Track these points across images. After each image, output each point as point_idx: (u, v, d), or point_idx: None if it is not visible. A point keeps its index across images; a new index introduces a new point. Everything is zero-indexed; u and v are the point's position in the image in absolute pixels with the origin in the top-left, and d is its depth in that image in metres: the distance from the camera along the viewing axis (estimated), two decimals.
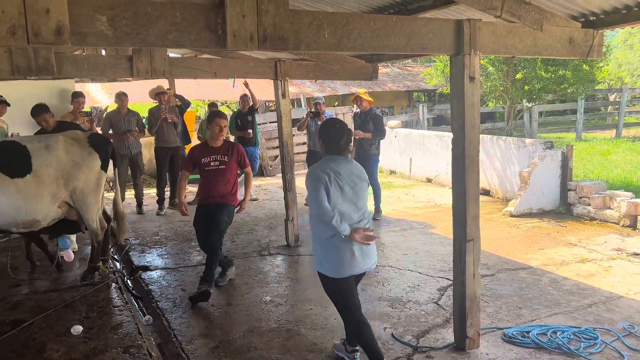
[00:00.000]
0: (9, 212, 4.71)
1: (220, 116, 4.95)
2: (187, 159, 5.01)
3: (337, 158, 3.30)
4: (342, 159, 3.31)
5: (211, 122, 4.88)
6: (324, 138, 3.35)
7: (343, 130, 3.31)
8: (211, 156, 4.87)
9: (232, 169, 4.94)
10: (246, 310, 4.56)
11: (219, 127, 4.86)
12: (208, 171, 4.88)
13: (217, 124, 4.85)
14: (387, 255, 6.00)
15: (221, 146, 4.93)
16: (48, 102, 8.10)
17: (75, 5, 2.36)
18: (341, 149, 3.31)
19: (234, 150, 4.95)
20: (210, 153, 4.88)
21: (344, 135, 3.30)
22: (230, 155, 4.91)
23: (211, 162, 4.87)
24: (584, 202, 7.51)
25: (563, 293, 4.78)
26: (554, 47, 3.76)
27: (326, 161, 3.30)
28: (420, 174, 10.89)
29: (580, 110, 16.37)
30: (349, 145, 3.34)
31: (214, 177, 4.87)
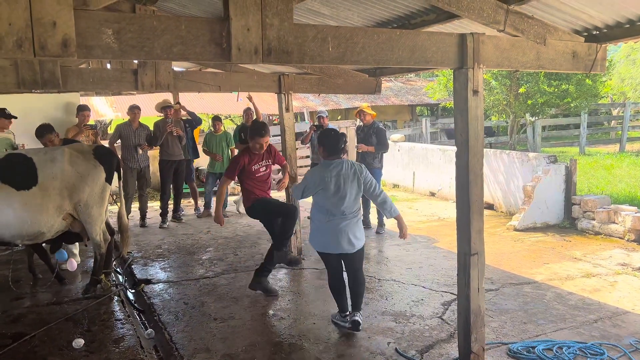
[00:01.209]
0: (15, 224, 4.72)
1: (261, 135, 4.95)
2: (234, 166, 5.02)
3: (336, 162, 4.13)
4: (335, 163, 4.13)
5: (252, 139, 5.00)
6: (324, 144, 4.18)
7: (338, 136, 4.19)
8: (259, 162, 5.06)
9: (271, 169, 5.24)
10: (249, 324, 4.53)
11: (259, 144, 4.97)
12: (258, 177, 5.07)
13: (257, 142, 4.96)
14: (390, 269, 5.97)
15: (264, 152, 5.13)
16: (53, 115, 8.20)
17: (82, 18, 2.38)
18: (340, 151, 4.16)
19: (271, 152, 5.19)
20: (258, 160, 5.06)
21: (340, 140, 4.16)
22: (272, 158, 5.19)
23: (260, 168, 5.07)
24: (589, 216, 7.48)
25: (568, 308, 4.73)
26: (557, 61, 3.77)
27: (320, 168, 4.18)
28: (423, 188, 10.87)
29: (584, 124, 16.38)
30: (344, 148, 4.20)
31: (265, 181, 5.13)
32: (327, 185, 4.07)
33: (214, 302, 5.04)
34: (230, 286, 5.47)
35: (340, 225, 4.11)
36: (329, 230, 4.14)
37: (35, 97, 7.65)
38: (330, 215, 4.12)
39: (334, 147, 4.14)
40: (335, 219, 4.12)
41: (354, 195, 4.14)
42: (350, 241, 4.15)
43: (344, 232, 4.12)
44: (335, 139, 4.16)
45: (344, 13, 4.57)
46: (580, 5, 3.53)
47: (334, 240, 4.14)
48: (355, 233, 4.18)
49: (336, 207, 4.11)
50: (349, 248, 4.17)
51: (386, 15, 4.46)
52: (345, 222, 4.12)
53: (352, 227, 4.16)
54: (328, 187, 4.07)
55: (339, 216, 4.11)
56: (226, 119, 20.05)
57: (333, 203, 4.10)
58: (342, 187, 4.08)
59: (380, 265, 6.17)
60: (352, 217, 4.15)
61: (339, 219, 4.11)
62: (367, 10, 4.41)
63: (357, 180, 4.13)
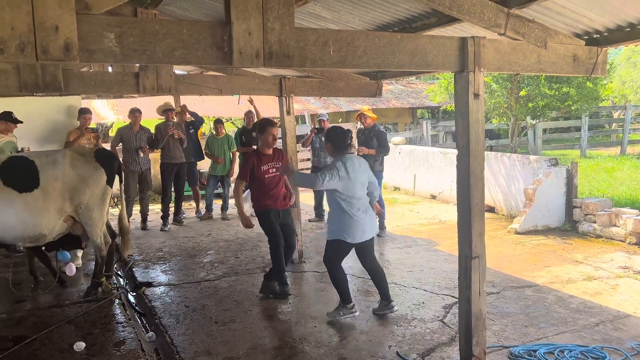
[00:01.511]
0: (17, 227, 4.73)
1: (273, 125, 5.08)
2: (245, 167, 5.09)
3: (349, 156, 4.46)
4: (350, 157, 4.45)
5: (264, 131, 5.03)
6: (332, 140, 4.51)
7: (345, 132, 4.51)
8: (269, 164, 5.05)
9: (281, 175, 5.17)
10: (249, 327, 4.52)
11: (272, 136, 5.01)
12: (268, 178, 5.04)
13: (269, 133, 4.99)
14: (391, 272, 5.96)
15: (273, 153, 5.11)
16: (55, 118, 8.23)
17: (84, 22, 2.39)
18: (347, 147, 4.47)
19: (281, 156, 5.18)
20: (267, 161, 5.05)
21: (347, 136, 4.49)
22: (280, 160, 5.13)
23: (270, 169, 5.04)
24: (590, 219, 7.47)
25: (570, 311, 4.72)
26: (558, 65, 3.77)
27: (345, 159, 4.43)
28: (424, 191, 10.87)
29: (585, 127, 16.37)
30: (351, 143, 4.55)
31: (275, 183, 5.08)
32: (351, 174, 4.36)
33: (215, 305, 5.04)
34: (231, 289, 5.47)
35: (368, 211, 4.51)
36: (364, 218, 4.43)
37: (37, 101, 7.66)
38: (359, 203, 4.43)
39: (342, 142, 4.45)
40: (363, 207, 4.46)
41: (365, 186, 4.51)
42: (370, 226, 4.53)
43: (366, 221, 4.45)
44: (342, 135, 4.47)
45: (345, 17, 4.59)
46: (580, 8, 3.53)
47: (369, 225, 4.50)
48: (371, 221, 4.55)
49: (360, 195, 4.44)
50: (371, 232, 4.55)
51: (387, 19, 4.47)
52: (364, 215, 4.45)
53: (370, 216, 4.55)
54: (353, 177, 4.38)
55: (364, 202, 4.47)
56: (227, 121, 20.06)
57: (358, 192, 4.42)
58: (360, 176, 4.43)
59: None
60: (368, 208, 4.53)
61: (365, 206, 4.48)
62: (369, 14, 4.42)
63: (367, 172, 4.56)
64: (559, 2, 3.41)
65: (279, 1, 2.71)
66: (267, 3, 2.69)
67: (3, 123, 6.24)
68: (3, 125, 6.24)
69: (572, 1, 3.42)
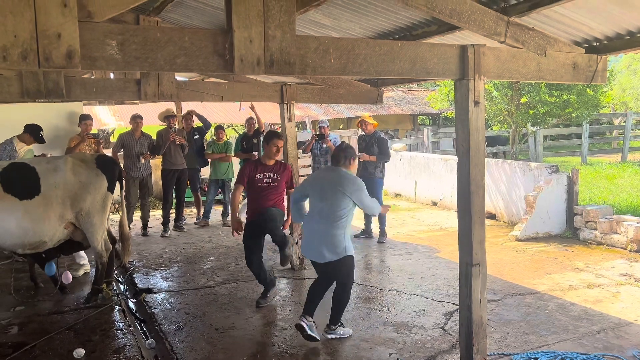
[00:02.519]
0: (17, 234, 4.73)
1: (279, 137, 5.06)
2: (241, 173, 5.10)
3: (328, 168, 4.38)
4: (331, 169, 4.29)
5: (269, 142, 5.01)
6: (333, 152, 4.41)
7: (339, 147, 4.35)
8: (264, 173, 5.01)
9: (281, 187, 5.10)
10: (250, 334, 4.51)
11: (276, 147, 4.99)
12: (259, 187, 5.01)
13: (274, 144, 4.98)
14: (392, 279, 5.96)
15: (274, 165, 5.07)
16: (56, 124, 8.26)
17: (86, 30, 2.41)
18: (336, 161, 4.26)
19: (285, 170, 5.13)
20: (263, 170, 5.02)
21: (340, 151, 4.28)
22: (281, 174, 5.07)
23: (264, 179, 5.01)
24: (591, 226, 7.47)
25: (571, 319, 4.71)
26: (557, 72, 3.79)
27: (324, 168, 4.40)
28: (425, 197, 10.87)
29: (585, 134, 16.39)
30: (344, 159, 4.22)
31: (265, 193, 5.02)
32: (314, 184, 4.26)
33: (215, 311, 5.03)
34: (232, 296, 5.46)
35: (314, 228, 4.17)
36: (306, 230, 4.27)
37: (38, 107, 7.69)
38: (309, 215, 4.27)
39: (333, 156, 4.31)
40: (312, 221, 4.20)
41: (335, 203, 4.07)
42: (318, 249, 4.13)
43: (315, 237, 4.14)
44: (337, 149, 4.34)
45: (345, 24, 4.61)
46: (580, 17, 3.55)
47: (307, 242, 4.25)
48: (325, 243, 4.09)
49: (314, 208, 4.20)
50: (317, 256, 4.16)
51: (388, 27, 4.49)
52: (318, 227, 4.12)
53: (324, 235, 4.09)
54: (315, 186, 4.23)
55: (315, 218, 4.16)
56: (229, 127, 20.10)
57: (313, 203, 4.22)
58: (325, 191, 4.10)
59: (382, 275, 6.16)
60: (326, 225, 4.09)
61: (315, 222, 4.16)
62: (369, 22, 4.44)
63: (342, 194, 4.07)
64: (558, 10, 3.43)
65: (280, 9, 2.73)
66: (268, 11, 2.71)
67: (28, 136, 6.33)
68: (27, 137, 6.33)
69: (572, 10, 3.44)
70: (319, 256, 4.14)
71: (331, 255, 4.10)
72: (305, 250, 4.29)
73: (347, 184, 4.07)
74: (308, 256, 4.25)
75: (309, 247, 4.21)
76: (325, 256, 4.10)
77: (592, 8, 3.41)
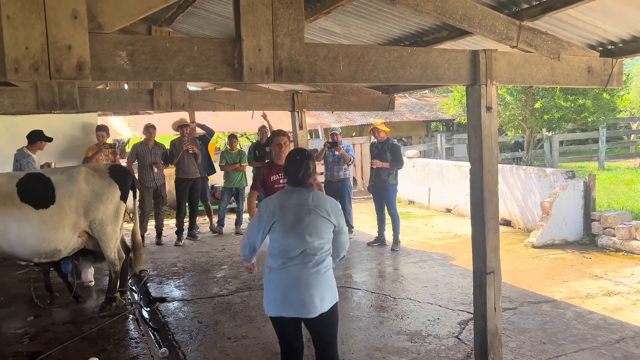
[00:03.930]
0: (33, 243, 4.79)
1: (278, 134, 4.94)
2: (256, 179, 5.00)
3: (292, 190, 3.07)
4: (298, 191, 3.05)
5: (271, 142, 4.93)
6: (285, 169, 3.14)
7: (302, 162, 3.06)
8: (279, 174, 4.83)
9: None
10: (262, 343, 4.49)
11: (279, 144, 4.84)
12: (277, 189, 4.71)
13: (276, 142, 4.87)
14: (406, 287, 5.90)
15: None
16: (71, 134, 8.37)
17: (96, 41, 2.43)
18: (300, 181, 3.05)
19: None
20: (278, 171, 4.84)
21: (300, 168, 3.04)
22: None
23: (280, 179, 4.84)
24: (609, 232, 7.32)
25: (589, 327, 4.61)
26: (572, 77, 3.74)
27: (279, 194, 3.11)
28: (439, 204, 10.78)
29: (602, 139, 16.15)
30: (309, 178, 3.08)
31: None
32: (284, 214, 2.97)
33: (228, 320, 5.02)
34: (244, 305, 5.45)
35: (298, 274, 2.94)
36: (283, 280, 2.97)
37: (54, 118, 7.81)
38: (285, 257, 2.97)
39: (293, 176, 3.07)
40: (291, 264, 2.96)
41: (320, 232, 2.99)
42: (311, 298, 2.93)
43: (303, 284, 2.92)
44: (296, 166, 3.06)
45: (355, 31, 4.61)
46: (594, 20, 3.50)
47: (289, 295, 2.94)
48: (320, 287, 2.96)
49: (294, 246, 2.95)
50: (310, 309, 2.94)
51: (398, 33, 4.48)
52: (306, 270, 2.95)
53: (317, 278, 2.96)
54: (285, 217, 2.96)
55: (298, 260, 2.95)
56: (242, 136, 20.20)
57: (290, 240, 2.95)
58: (304, 219, 2.96)
59: (396, 284, 6.10)
60: (316, 264, 2.98)
61: (298, 265, 2.95)
62: (380, 29, 4.43)
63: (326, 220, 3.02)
64: (572, 14, 3.39)
65: (289, 17, 2.73)
66: (277, 19, 2.71)
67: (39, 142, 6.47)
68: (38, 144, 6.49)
69: (586, 13, 3.39)
70: (307, 309, 2.94)
71: (326, 303, 2.99)
72: (284, 306, 2.98)
73: (330, 206, 3.05)
74: (288, 313, 2.98)
75: (291, 300, 2.95)
76: (318, 306, 2.95)
77: (607, 10, 3.36)
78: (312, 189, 3.11)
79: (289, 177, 3.11)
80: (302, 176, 3.04)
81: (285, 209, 2.99)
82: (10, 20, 2.25)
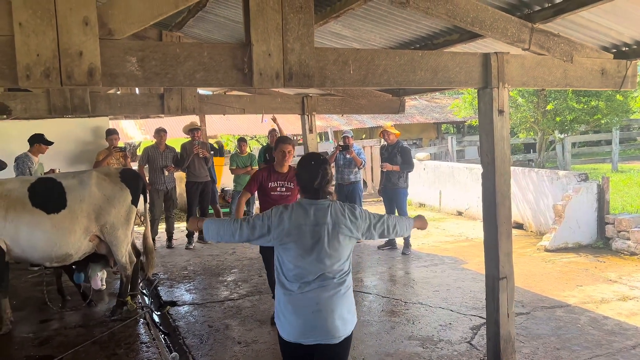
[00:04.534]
0: (45, 247, 4.82)
1: (285, 141, 4.74)
2: (252, 180, 4.81)
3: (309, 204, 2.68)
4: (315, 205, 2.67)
5: (276, 148, 4.73)
6: (298, 177, 2.77)
7: (319, 169, 2.68)
8: (278, 182, 4.69)
9: (294, 197, 4.62)
10: (273, 348, 4.47)
11: (283, 152, 4.63)
12: (273, 196, 4.68)
13: (280, 149, 4.65)
14: (417, 291, 5.85)
15: (287, 172, 4.69)
16: (83, 138, 8.43)
17: (107, 47, 2.44)
18: (316, 191, 2.69)
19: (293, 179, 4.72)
20: (277, 178, 4.70)
21: (319, 175, 2.67)
22: (295, 183, 4.53)
23: (277, 187, 4.70)
24: (623, 236, 7.22)
25: (604, 333, 4.54)
26: (585, 79, 3.69)
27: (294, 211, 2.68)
28: (450, 207, 10.71)
29: (616, 140, 15.96)
30: (327, 186, 2.72)
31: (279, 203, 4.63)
32: (300, 235, 2.63)
33: (238, 325, 5.01)
34: (255, 309, 5.44)
35: (318, 299, 2.63)
36: (302, 306, 2.65)
37: (66, 122, 7.87)
38: (300, 282, 2.66)
39: (308, 185, 2.70)
40: (309, 289, 2.65)
41: (340, 253, 2.68)
42: (334, 323, 2.64)
43: (325, 310, 2.63)
44: (311, 173, 2.69)
45: (366, 35, 4.59)
46: (607, 22, 3.46)
47: (310, 322, 2.64)
48: (342, 310, 2.68)
49: (311, 270, 2.64)
50: (334, 334, 2.65)
51: (408, 36, 4.45)
52: (327, 294, 2.65)
53: (337, 300, 2.66)
54: (301, 239, 2.63)
55: (316, 284, 2.65)
56: (252, 139, 20.25)
57: (307, 264, 2.64)
58: (323, 240, 2.63)
59: (407, 288, 6.06)
60: (336, 285, 2.67)
61: (317, 290, 2.65)
62: (390, 32, 4.41)
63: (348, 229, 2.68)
64: (584, 16, 3.35)
65: (299, 22, 2.73)
66: (287, 24, 2.71)
67: (38, 145, 6.46)
68: (37, 147, 6.46)
69: (599, 15, 3.34)
70: (331, 335, 2.65)
71: (349, 326, 2.72)
72: (305, 333, 2.65)
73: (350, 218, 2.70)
74: (308, 340, 2.66)
75: (313, 327, 2.64)
76: (341, 329, 2.67)
77: (620, 12, 3.31)
78: (330, 199, 2.75)
79: (303, 186, 2.72)
80: (318, 184, 2.66)
81: (302, 229, 2.64)
82: (22, 27, 2.26)
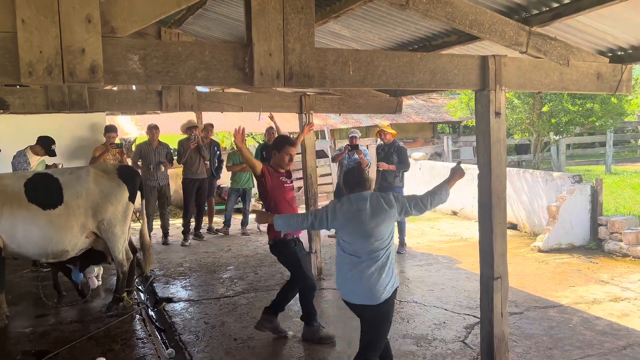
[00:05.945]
0: (40, 243, 4.82)
1: (292, 144, 4.47)
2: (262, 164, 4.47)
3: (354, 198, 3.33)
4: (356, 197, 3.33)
5: (280, 149, 4.41)
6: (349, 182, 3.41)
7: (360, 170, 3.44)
8: (281, 177, 4.51)
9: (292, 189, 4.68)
10: (268, 345, 4.50)
11: (289, 156, 4.41)
12: (287, 189, 4.52)
13: (287, 152, 4.39)
14: (412, 290, 5.90)
15: (284, 173, 4.55)
16: (80, 134, 8.41)
17: (109, 45, 2.45)
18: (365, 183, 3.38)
19: (291, 175, 4.66)
20: (279, 175, 4.49)
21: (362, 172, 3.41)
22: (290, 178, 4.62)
23: (284, 183, 4.52)
24: (616, 237, 7.30)
25: (596, 333, 4.60)
26: (581, 82, 3.73)
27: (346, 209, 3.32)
28: (445, 207, 10.76)
29: (610, 142, 16.06)
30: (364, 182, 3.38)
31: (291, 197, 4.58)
32: (350, 225, 3.29)
33: (234, 321, 5.04)
34: (250, 306, 5.47)
35: (365, 270, 3.25)
36: (352, 272, 3.30)
37: (63, 117, 7.85)
38: (354, 255, 3.30)
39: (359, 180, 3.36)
40: (359, 261, 3.28)
41: (381, 231, 3.27)
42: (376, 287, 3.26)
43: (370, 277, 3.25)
44: (359, 174, 3.39)
45: (364, 35, 4.61)
46: (604, 26, 3.50)
47: (357, 286, 3.30)
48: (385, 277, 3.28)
49: (361, 246, 3.28)
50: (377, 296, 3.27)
51: (407, 37, 4.48)
52: (373, 265, 3.25)
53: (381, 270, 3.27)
54: (352, 227, 3.28)
55: (365, 257, 3.27)
56: (249, 136, 20.23)
57: (357, 245, 3.29)
58: (368, 223, 3.24)
59: (401, 287, 6.09)
60: (380, 258, 3.28)
61: (366, 261, 3.26)
62: (388, 33, 4.44)
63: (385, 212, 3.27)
64: (581, 20, 3.39)
65: (300, 22, 2.75)
66: (288, 24, 2.73)
67: (40, 147, 6.45)
68: (39, 149, 6.45)
69: (595, 19, 3.38)
70: (374, 297, 3.27)
71: (388, 288, 3.30)
72: (352, 295, 3.36)
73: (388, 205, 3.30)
74: (353, 300, 3.37)
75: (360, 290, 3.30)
76: (381, 293, 3.27)
77: (617, 17, 3.35)
78: (369, 189, 3.38)
79: (354, 184, 3.37)
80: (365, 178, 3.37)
81: (350, 216, 3.29)
82: (25, 24, 2.27)
